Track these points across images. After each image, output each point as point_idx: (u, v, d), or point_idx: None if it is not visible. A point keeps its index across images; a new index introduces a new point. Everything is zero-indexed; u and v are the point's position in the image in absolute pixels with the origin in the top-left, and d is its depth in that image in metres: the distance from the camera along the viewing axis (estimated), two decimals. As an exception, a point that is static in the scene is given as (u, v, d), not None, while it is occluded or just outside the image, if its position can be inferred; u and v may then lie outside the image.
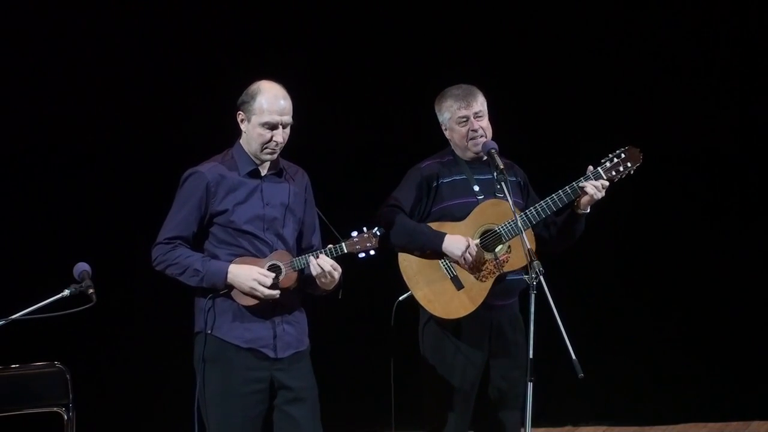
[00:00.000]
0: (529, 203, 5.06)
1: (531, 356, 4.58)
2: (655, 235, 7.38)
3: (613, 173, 4.95)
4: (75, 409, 5.04)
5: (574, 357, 4.43)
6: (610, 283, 7.35)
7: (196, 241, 4.62)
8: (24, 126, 6.82)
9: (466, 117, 5.03)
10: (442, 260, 5.00)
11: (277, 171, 4.68)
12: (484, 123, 5.05)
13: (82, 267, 4.38)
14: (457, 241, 4.95)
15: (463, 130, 5.04)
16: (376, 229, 4.61)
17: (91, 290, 4.29)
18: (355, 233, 4.61)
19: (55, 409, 5.05)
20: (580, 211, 4.99)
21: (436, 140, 5.24)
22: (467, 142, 5.04)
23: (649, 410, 7.43)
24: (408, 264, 5.03)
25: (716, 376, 7.37)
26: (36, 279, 5.53)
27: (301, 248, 4.72)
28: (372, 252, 4.61)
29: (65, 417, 5.04)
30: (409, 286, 5.03)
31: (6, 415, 5.01)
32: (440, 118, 5.12)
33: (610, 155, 4.98)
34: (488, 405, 5.08)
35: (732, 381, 7.37)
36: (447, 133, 5.12)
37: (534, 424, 4.66)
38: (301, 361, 4.67)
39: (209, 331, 4.58)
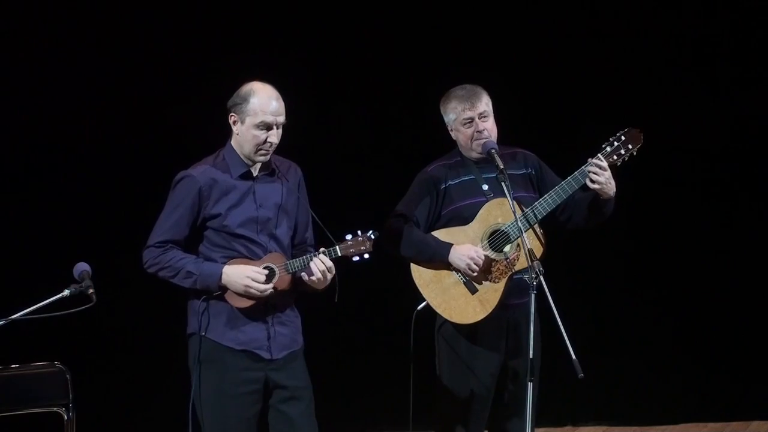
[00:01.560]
0: (547, 188, 5.01)
1: (531, 356, 4.58)
2: (655, 235, 7.37)
3: (615, 157, 4.92)
4: (75, 409, 5.04)
5: (574, 357, 4.43)
6: (611, 283, 7.34)
7: (189, 244, 4.63)
8: (24, 126, 6.81)
9: (471, 118, 5.01)
10: None
11: (269, 171, 4.68)
12: (489, 124, 5.04)
13: (82, 267, 4.38)
14: (461, 252, 4.92)
15: (468, 131, 5.02)
16: (370, 232, 4.60)
17: (91, 290, 4.29)
18: (349, 236, 4.60)
19: (55, 409, 5.05)
20: (603, 198, 4.97)
21: (434, 141, 5.24)
22: (471, 144, 5.03)
23: (649, 410, 7.43)
24: (420, 273, 5.02)
25: (716, 376, 7.37)
26: (36, 279, 5.52)
27: (294, 244, 4.73)
28: (366, 255, 4.60)
29: (65, 417, 5.03)
30: (424, 295, 5.02)
31: (6, 415, 5.01)
32: (446, 119, 5.10)
33: (611, 139, 4.95)
34: (504, 405, 5.06)
35: (732, 381, 7.36)
36: (453, 134, 5.10)
37: (534, 424, 4.65)
38: (296, 361, 4.68)
39: (203, 333, 4.60)
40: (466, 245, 4.94)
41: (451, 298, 4.98)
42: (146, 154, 6.84)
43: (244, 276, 4.52)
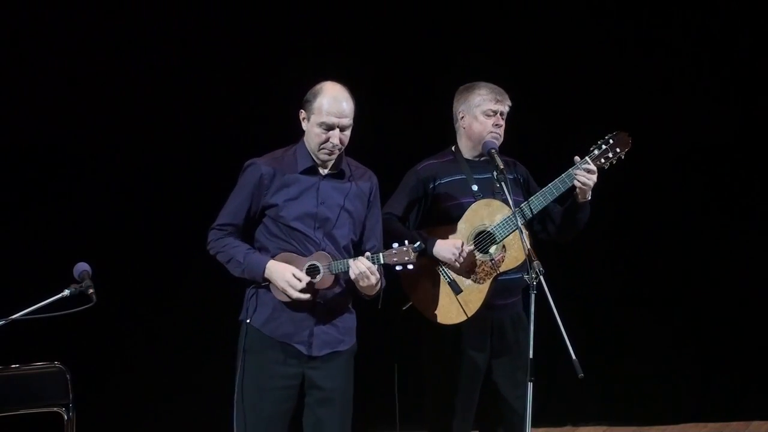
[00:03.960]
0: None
1: (531, 356, 4.58)
2: (655, 235, 7.38)
3: (602, 160, 4.93)
4: (75, 409, 5.04)
5: (574, 357, 4.42)
6: (611, 283, 7.34)
7: (250, 229, 4.69)
8: (25, 126, 6.81)
9: (496, 111, 5.04)
10: (439, 266, 5.00)
11: (338, 171, 4.69)
12: (503, 127, 5.07)
13: (82, 267, 4.37)
14: (448, 245, 4.94)
15: (488, 122, 5.04)
16: (418, 243, 4.60)
17: (91, 290, 4.29)
18: (395, 245, 4.61)
19: (55, 409, 5.05)
20: (580, 201, 4.98)
21: (437, 140, 5.24)
22: (486, 135, 5.03)
23: (649, 410, 7.43)
24: (405, 273, 5.02)
25: (716, 376, 7.37)
26: (36, 279, 5.52)
27: (361, 252, 4.71)
28: (410, 267, 4.61)
29: (65, 417, 5.03)
30: (408, 294, 5.03)
31: (6, 415, 5.01)
32: (461, 106, 5.10)
33: (599, 142, 4.96)
34: (491, 405, 5.08)
35: (732, 381, 7.37)
36: (464, 121, 5.10)
37: (534, 424, 4.65)
38: (337, 360, 4.68)
39: (248, 321, 4.65)
40: (451, 240, 4.96)
41: (435, 297, 4.99)
42: (147, 154, 6.84)
43: (283, 278, 4.55)
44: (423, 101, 6.91)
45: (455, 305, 4.97)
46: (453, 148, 5.16)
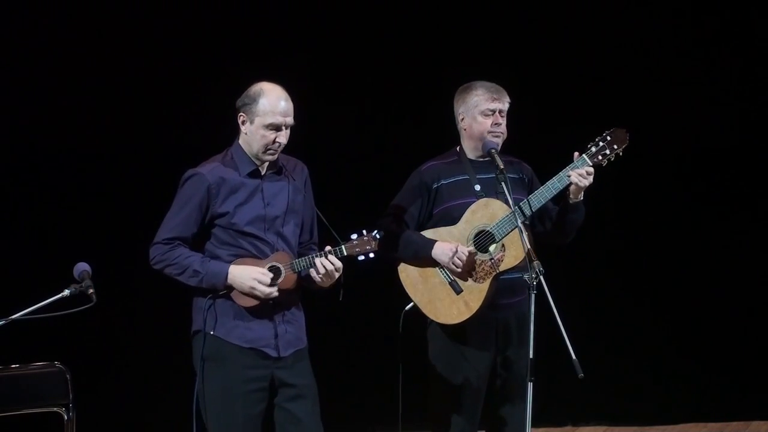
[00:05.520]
0: None
1: (531, 356, 4.58)
2: (655, 235, 7.37)
3: (600, 157, 4.92)
4: (75, 409, 5.04)
5: (574, 357, 4.43)
6: (610, 283, 7.34)
7: (197, 242, 4.64)
8: (24, 126, 6.81)
9: (494, 110, 5.02)
10: (440, 267, 5.00)
11: (276, 169, 4.70)
12: (504, 124, 5.05)
13: (82, 267, 4.38)
14: (444, 248, 4.94)
15: (488, 122, 5.02)
16: (375, 232, 4.61)
17: (91, 290, 4.29)
18: (354, 236, 4.62)
19: (55, 409, 5.06)
20: (572, 201, 4.97)
21: (438, 140, 5.24)
22: (487, 135, 5.02)
23: (649, 410, 7.43)
24: (406, 273, 5.04)
25: (716, 376, 7.36)
26: (36, 279, 5.52)
27: (300, 242, 4.75)
28: (371, 255, 4.61)
29: (65, 417, 5.04)
30: (410, 295, 5.03)
31: (6, 415, 5.01)
32: (461, 108, 5.09)
33: (596, 139, 4.95)
34: (497, 403, 5.07)
35: (732, 381, 7.37)
36: (464, 123, 5.09)
37: (534, 424, 4.66)
38: (303, 360, 4.70)
39: (210, 332, 4.61)
40: (448, 242, 4.95)
41: (436, 298, 4.99)
42: (147, 154, 6.84)
43: (250, 277, 4.54)
44: (426, 101, 6.91)
45: (456, 305, 4.96)
46: (458, 149, 5.16)
